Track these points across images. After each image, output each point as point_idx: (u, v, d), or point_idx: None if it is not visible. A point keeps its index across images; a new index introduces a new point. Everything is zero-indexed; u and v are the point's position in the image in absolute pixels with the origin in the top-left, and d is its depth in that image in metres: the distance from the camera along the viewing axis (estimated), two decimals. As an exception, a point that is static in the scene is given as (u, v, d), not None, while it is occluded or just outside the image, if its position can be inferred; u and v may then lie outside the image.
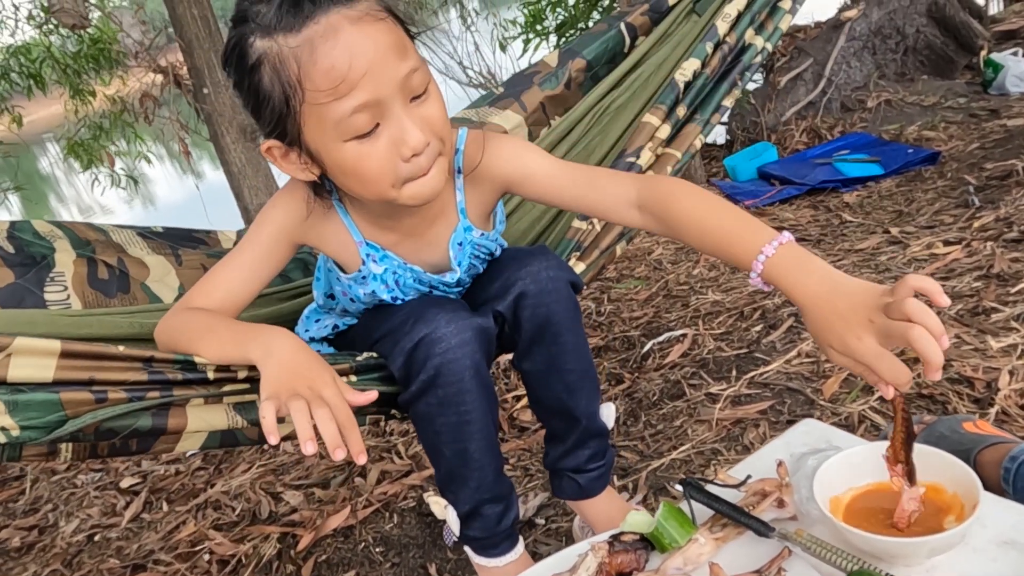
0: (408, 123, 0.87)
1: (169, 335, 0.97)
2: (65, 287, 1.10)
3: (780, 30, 1.45)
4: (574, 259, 1.28)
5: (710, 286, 2.31)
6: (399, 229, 1.06)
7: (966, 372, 1.42)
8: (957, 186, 2.48)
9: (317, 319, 1.20)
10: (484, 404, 1.02)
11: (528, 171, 1.06)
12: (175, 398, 0.87)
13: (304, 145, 0.90)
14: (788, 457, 0.87)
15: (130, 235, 1.27)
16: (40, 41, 4.97)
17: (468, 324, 0.99)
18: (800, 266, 0.83)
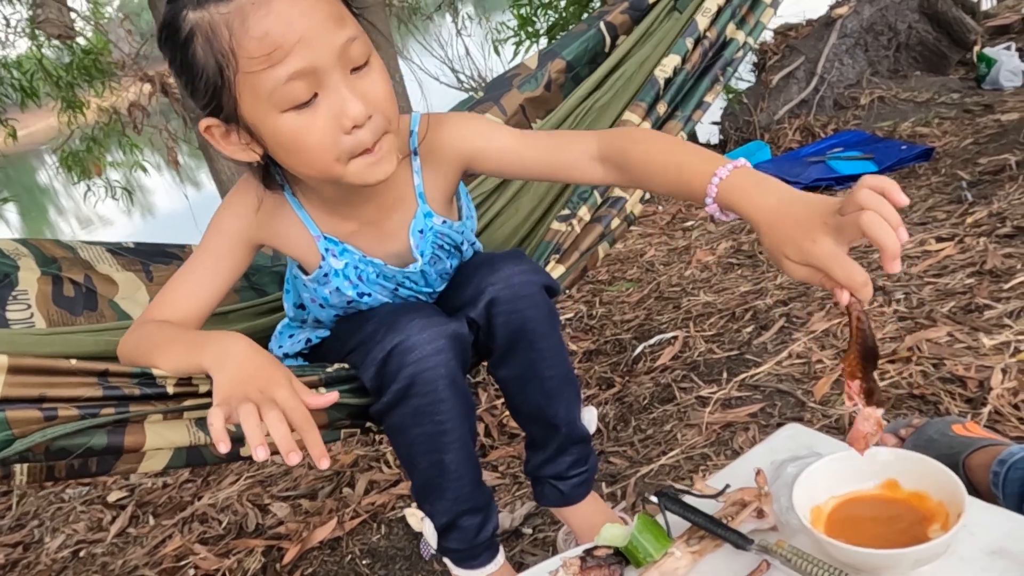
0: (347, 93, 0.84)
1: (129, 350, 0.94)
2: (28, 305, 1.08)
3: (762, 24, 1.42)
4: (553, 262, 1.25)
5: (702, 287, 2.28)
6: (357, 217, 1.02)
7: (958, 371, 1.39)
8: (950, 182, 2.45)
9: (291, 334, 1.17)
10: (460, 413, 0.99)
11: (488, 144, 1.03)
12: (131, 414, 0.84)
13: (242, 120, 0.86)
14: (770, 464, 0.85)
15: (99, 252, 1.24)
16: (32, 53, 4.97)
17: (442, 331, 0.96)
18: (755, 185, 0.80)
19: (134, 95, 3.21)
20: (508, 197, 1.37)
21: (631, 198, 1.30)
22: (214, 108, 0.86)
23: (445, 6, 5.45)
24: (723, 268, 2.39)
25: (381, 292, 1.08)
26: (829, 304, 1.84)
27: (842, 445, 0.91)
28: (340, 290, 1.05)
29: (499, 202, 1.38)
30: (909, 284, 1.80)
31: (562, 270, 1.23)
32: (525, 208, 1.36)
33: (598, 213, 1.29)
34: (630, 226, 1.36)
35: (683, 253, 2.64)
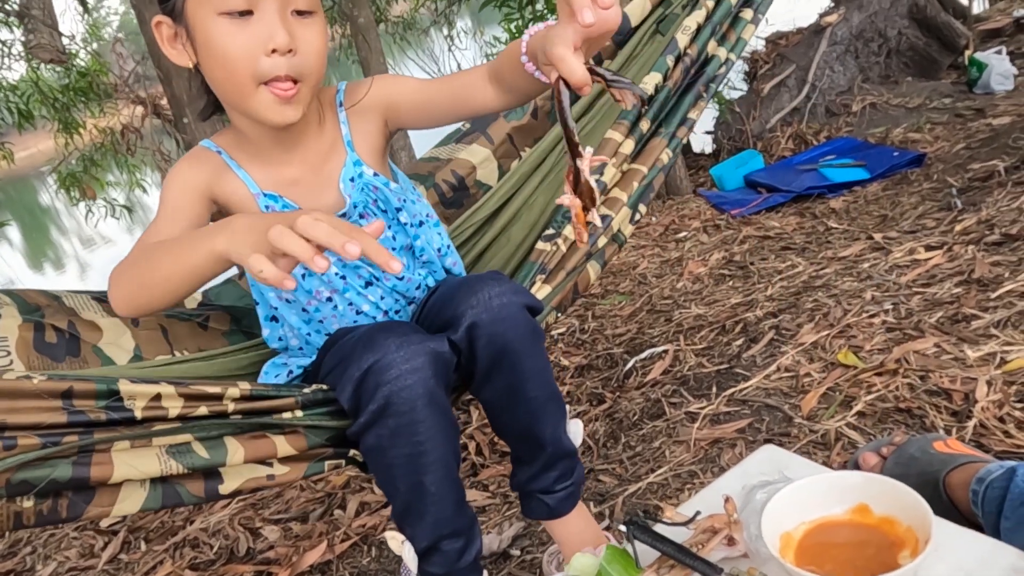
0: (279, 24, 0.93)
1: (124, 285, 0.93)
2: (8, 352, 1.07)
3: (744, 41, 1.42)
4: (539, 282, 1.23)
5: (693, 299, 2.27)
6: (292, 163, 1.09)
7: (944, 384, 1.38)
8: (941, 188, 2.44)
9: (276, 374, 1.17)
10: (440, 433, 0.97)
11: (399, 87, 1.14)
12: (96, 441, 0.82)
13: (185, 18, 0.96)
14: (741, 489, 0.84)
15: (84, 299, 1.24)
16: (29, 76, 4.99)
17: (420, 348, 0.94)
18: (547, 26, 0.85)
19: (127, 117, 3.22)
20: (499, 227, 1.37)
21: (617, 216, 1.29)
22: (168, 5, 0.97)
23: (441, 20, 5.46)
24: (714, 280, 2.38)
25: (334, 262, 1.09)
26: (818, 316, 1.83)
27: (817, 467, 0.90)
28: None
29: (490, 233, 1.38)
30: (898, 294, 1.79)
31: (548, 290, 1.21)
32: (516, 238, 1.36)
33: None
34: (621, 248, 1.35)
35: (675, 264, 2.64)
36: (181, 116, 3.12)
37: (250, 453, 0.92)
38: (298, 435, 0.98)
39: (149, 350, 1.24)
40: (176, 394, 0.85)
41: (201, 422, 0.88)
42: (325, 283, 1.11)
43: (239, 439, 0.92)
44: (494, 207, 1.46)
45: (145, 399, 0.84)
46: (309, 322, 1.13)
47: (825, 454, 1.35)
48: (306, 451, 0.99)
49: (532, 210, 1.43)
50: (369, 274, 1.13)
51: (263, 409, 0.93)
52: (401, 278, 1.15)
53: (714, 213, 3.02)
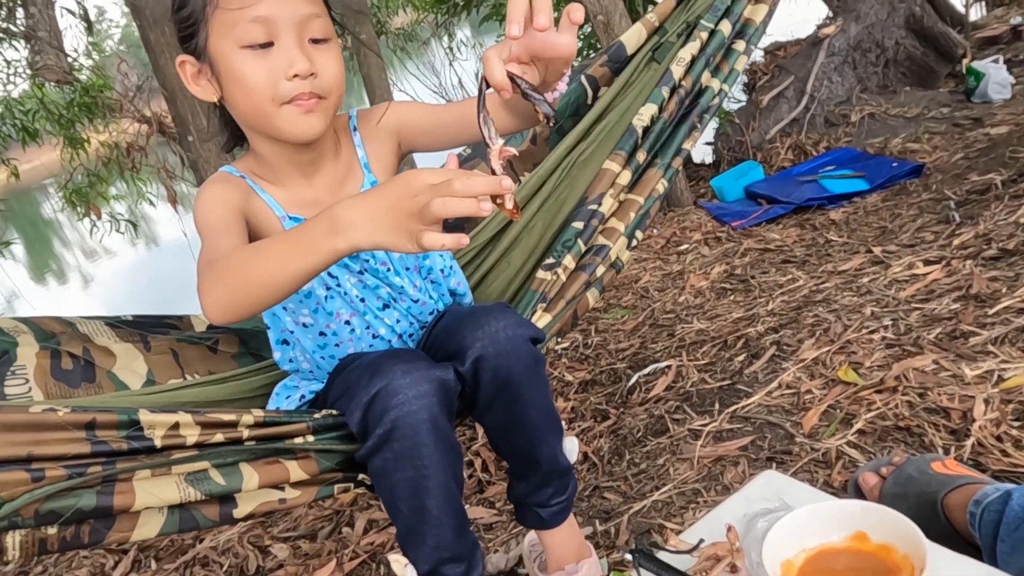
0: (299, 52, 0.99)
1: (222, 292, 0.88)
2: (27, 380, 1.10)
3: (736, 72, 1.45)
4: (540, 311, 1.27)
5: (695, 314, 2.30)
6: (311, 186, 1.13)
7: (942, 402, 1.40)
8: (940, 200, 2.47)
9: (287, 395, 1.20)
10: (443, 459, 1.00)
11: (410, 110, 1.20)
12: (119, 471, 0.86)
13: (208, 55, 1.01)
14: (742, 517, 0.86)
15: (98, 325, 1.27)
16: (34, 92, 5.04)
17: (426, 376, 0.97)
18: None
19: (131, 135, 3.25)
20: (500, 251, 1.40)
21: (615, 246, 1.32)
22: (191, 45, 1.03)
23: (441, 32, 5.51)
24: (716, 293, 2.41)
25: (348, 280, 1.12)
26: (819, 331, 1.85)
27: (816, 493, 0.92)
28: (311, 283, 1.09)
29: (491, 257, 1.41)
30: (897, 309, 1.82)
31: (549, 318, 1.25)
32: (516, 262, 1.38)
33: (582, 261, 1.31)
34: (618, 273, 1.38)
35: (677, 278, 2.66)
36: (185, 134, 3.15)
37: (264, 478, 0.95)
38: (310, 460, 1.01)
39: (161, 374, 1.27)
40: (193, 422, 0.88)
41: (217, 449, 0.91)
42: (347, 304, 1.14)
43: (253, 465, 0.95)
44: (494, 231, 1.49)
45: (164, 428, 0.87)
46: (324, 346, 1.15)
47: (826, 473, 1.37)
48: (317, 475, 1.02)
49: (532, 234, 1.46)
50: (388, 295, 1.16)
51: (276, 435, 0.96)
52: (416, 300, 1.18)
53: (715, 225, 3.04)
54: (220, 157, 3.12)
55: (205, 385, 1.27)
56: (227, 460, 0.94)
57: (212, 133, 1.14)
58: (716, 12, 1.40)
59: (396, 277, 1.16)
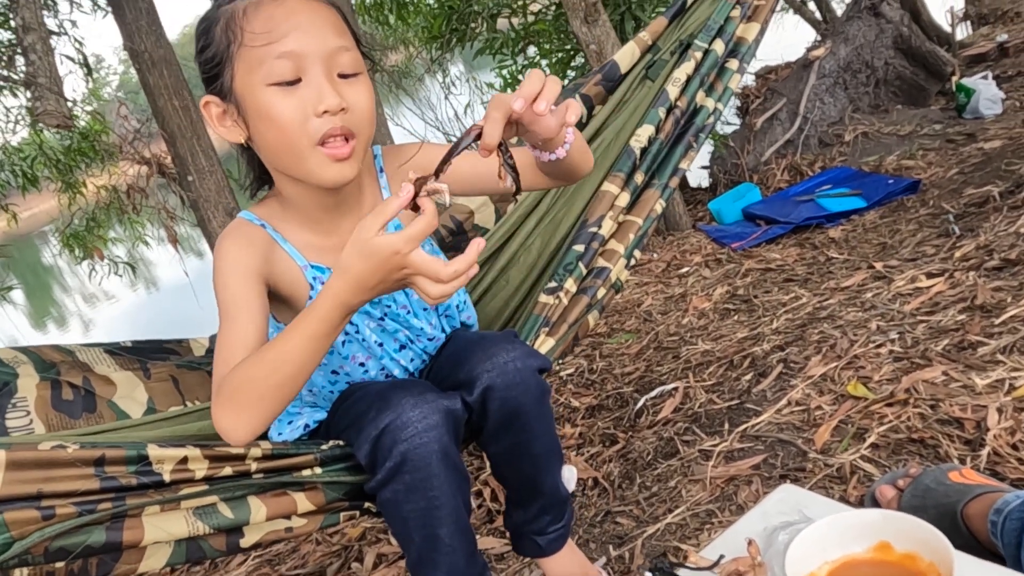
0: (328, 88, 0.95)
1: (247, 409, 0.90)
2: (28, 412, 1.09)
3: (730, 90, 1.46)
4: (543, 335, 1.27)
5: (700, 335, 2.29)
6: (336, 231, 1.09)
7: (955, 412, 1.39)
8: (938, 214, 2.48)
9: (289, 420, 1.19)
10: (453, 487, 1.00)
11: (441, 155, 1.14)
12: (128, 507, 0.85)
13: (233, 95, 0.99)
14: (762, 531, 0.85)
15: (97, 353, 1.26)
16: (33, 139, 5.08)
17: (435, 407, 0.97)
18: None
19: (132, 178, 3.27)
20: (498, 270, 1.40)
21: (615, 268, 1.32)
22: (216, 85, 1.00)
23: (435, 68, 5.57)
24: (720, 314, 2.40)
25: (368, 326, 1.11)
26: (825, 347, 1.85)
27: (835, 505, 0.91)
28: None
29: (489, 275, 1.41)
30: (903, 323, 1.81)
31: (552, 343, 1.25)
32: (515, 280, 1.39)
33: (584, 284, 1.31)
34: (617, 293, 1.38)
35: (679, 300, 2.66)
36: (185, 174, 3.17)
37: (272, 510, 0.94)
38: (317, 491, 1.00)
39: (162, 402, 1.26)
40: (202, 456, 0.87)
41: (226, 483, 0.90)
42: (364, 348, 1.12)
43: (261, 498, 0.94)
44: (492, 249, 1.49)
45: (173, 462, 0.86)
46: (335, 383, 1.15)
47: (842, 488, 1.35)
48: (324, 505, 1.02)
49: (530, 252, 1.46)
50: (405, 337, 1.15)
51: (284, 467, 0.96)
52: (432, 339, 1.17)
53: (715, 247, 3.05)
54: (220, 196, 3.14)
55: (206, 412, 1.26)
56: (235, 494, 0.93)
57: (243, 174, 1.12)
58: (709, 32, 1.42)
59: (415, 319, 1.15)
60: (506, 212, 1.53)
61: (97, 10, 4.19)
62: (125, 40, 3.10)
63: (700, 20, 1.43)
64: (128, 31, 3.05)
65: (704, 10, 1.45)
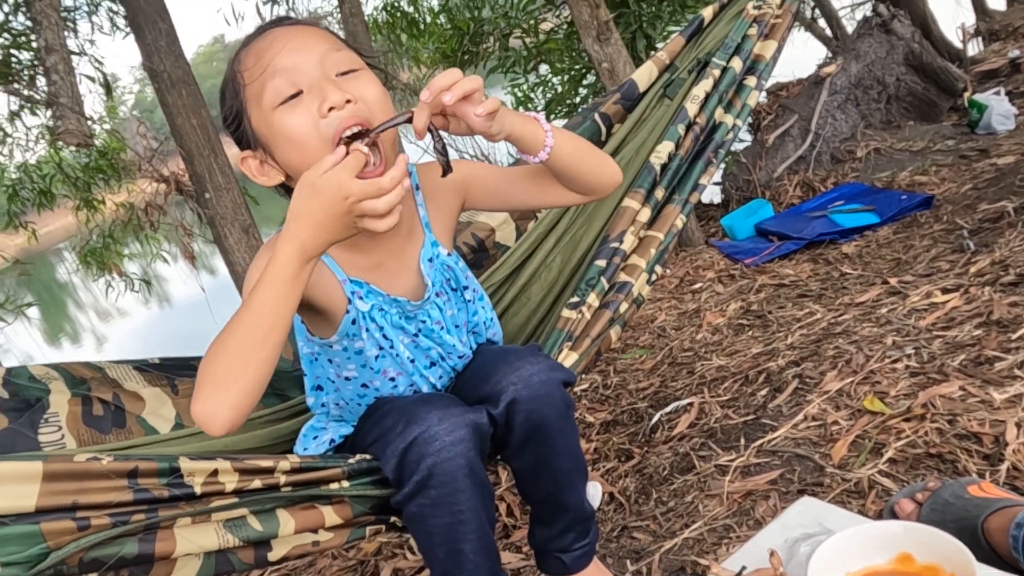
0: (327, 85, 0.98)
1: (218, 367, 0.87)
2: (59, 427, 1.11)
3: (748, 107, 1.48)
4: (566, 350, 1.28)
5: (714, 351, 2.29)
6: (376, 251, 1.10)
7: (972, 427, 1.39)
8: (952, 230, 2.48)
9: (315, 436, 1.21)
10: (478, 503, 1.01)
11: (477, 171, 1.20)
12: (161, 519, 0.86)
13: (255, 135, 1.02)
14: (783, 543, 0.85)
15: (126, 370, 1.28)
16: (51, 156, 5.16)
17: (461, 421, 0.98)
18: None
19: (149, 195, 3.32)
20: (519, 286, 1.42)
21: (637, 282, 1.34)
22: (243, 139, 1.04)
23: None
24: (734, 330, 2.41)
25: (402, 341, 1.12)
26: (841, 363, 1.85)
27: (855, 518, 0.92)
28: (363, 352, 1.09)
29: (510, 292, 1.43)
30: (919, 338, 1.81)
31: (575, 357, 1.26)
32: (536, 297, 1.40)
33: (606, 299, 1.33)
34: (639, 308, 1.39)
35: (693, 316, 2.66)
36: (203, 192, 3.22)
37: (300, 524, 0.95)
38: (344, 505, 1.01)
39: (189, 418, 1.28)
40: (232, 469, 0.89)
41: (255, 496, 0.91)
42: (396, 364, 1.13)
43: (290, 511, 0.95)
44: (512, 267, 1.51)
45: (204, 475, 0.88)
46: (363, 396, 1.16)
47: (860, 503, 1.35)
48: (351, 519, 1.03)
49: (551, 270, 1.48)
50: (437, 355, 1.16)
51: (312, 480, 0.97)
52: (462, 356, 1.19)
53: (728, 263, 3.06)
54: (237, 213, 3.18)
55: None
56: (264, 507, 0.95)
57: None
58: (727, 50, 1.44)
59: (448, 336, 1.16)
60: (527, 230, 1.55)
61: (116, 30, 4.27)
62: (144, 60, 3.16)
63: (717, 39, 1.45)
64: (148, 51, 3.10)
65: (721, 29, 1.48)
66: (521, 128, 1.00)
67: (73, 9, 3.94)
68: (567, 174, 1.09)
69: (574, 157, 1.07)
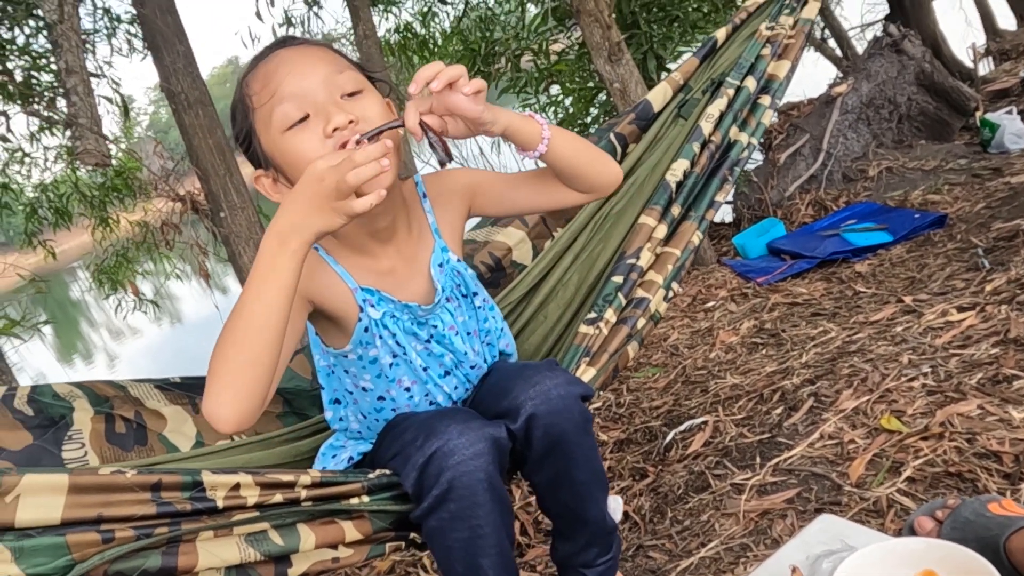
0: (331, 108, 1.01)
1: (217, 364, 0.90)
2: (82, 444, 1.13)
3: (763, 125, 1.49)
4: (584, 365, 1.28)
5: (728, 369, 2.29)
6: (386, 256, 1.13)
7: (992, 446, 1.38)
8: (967, 249, 2.47)
9: (333, 455, 1.21)
10: (498, 518, 1.01)
11: (484, 177, 1.23)
12: (183, 532, 0.87)
13: (265, 156, 1.05)
14: (805, 559, 0.85)
15: (148, 388, 1.30)
16: (68, 176, 5.22)
17: (480, 435, 0.98)
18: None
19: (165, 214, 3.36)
20: (536, 305, 1.42)
21: (654, 298, 1.34)
22: (255, 158, 1.07)
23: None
24: (747, 348, 2.40)
25: (415, 348, 1.13)
26: (856, 381, 1.84)
27: (876, 534, 0.91)
28: (378, 360, 1.11)
29: (528, 311, 1.43)
30: (935, 356, 1.81)
31: (593, 372, 1.26)
32: (553, 315, 1.41)
33: (623, 314, 1.33)
34: (656, 324, 1.40)
35: (706, 335, 2.66)
36: (218, 211, 3.25)
37: (320, 539, 0.96)
38: (364, 520, 1.02)
39: (210, 436, 1.29)
40: (253, 483, 0.90)
41: (277, 510, 0.92)
42: (411, 371, 1.15)
43: (311, 525, 0.96)
44: (529, 285, 1.52)
45: (226, 488, 0.88)
46: (380, 410, 1.17)
47: (879, 521, 1.34)
48: (371, 535, 1.03)
49: (568, 288, 1.48)
50: (451, 362, 1.17)
51: (333, 495, 0.97)
52: (474, 366, 1.19)
53: (740, 282, 3.05)
54: (252, 231, 3.21)
55: (252, 446, 1.29)
56: (285, 521, 0.95)
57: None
58: (740, 70, 1.46)
59: (460, 342, 1.17)
60: (544, 248, 1.56)
61: (134, 52, 4.34)
62: (162, 81, 3.21)
63: (731, 60, 1.47)
64: (165, 72, 3.15)
65: (734, 50, 1.49)
66: (518, 122, 1.03)
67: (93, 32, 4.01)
68: (568, 171, 1.12)
69: (573, 153, 1.11)
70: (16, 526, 0.80)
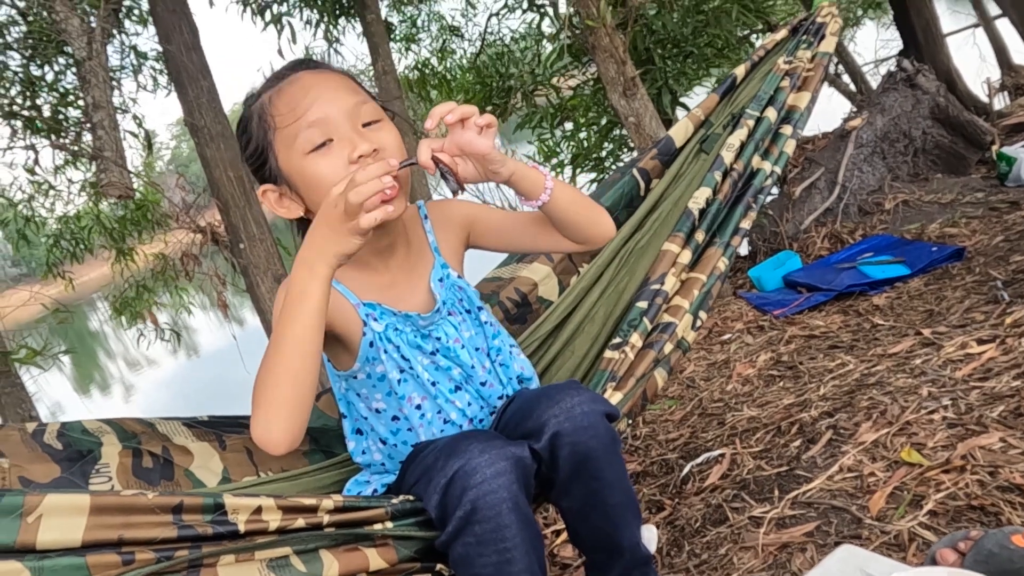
0: (357, 137, 1.07)
1: (261, 390, 0.95)
2: (110, 478, 1.14)
3: (786, 154, 1.51)
4: (610, 389, 1.28)
5: (744, 401, 2.28)
6: (387, 270, 1.18)
7: (1015, 479, 1.36)
8: (986, 281, 2.46)
9: (359, 491, 1.21)
10: (526, 541, 0.98)
11: (483, 211, 1.30)
12: (204, 555, 0.87)
13: (281, 174, 1.10)
14: (827, 590, 0.84)
15: (176, 426, 1.31)
16: (90, 209, 5.31)
17: (502, 453, 0.97)
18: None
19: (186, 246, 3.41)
20: (563, 341, 1.43)
21: (680, 323, 1.34)
22: (264, 173, 1.12)
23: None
24: (764, 381, 2.39)
25: (420, 362, 1.14)
26: (876, 414, 1.83)
27: (898, 565, 0.90)
28: (386, 375, 1.12)
29: (555, 346, 1.44)
30: (955, 389, 1.79)
31: (619, 397, 1.26)
32: (580, 350, 1.41)
33: (649, 339, 1.34)
34: (685, 354, 1.40)
35: (723, 367, 2.65)
36: (237, 242, 3.29)
37: (343, 566, 0.95)
38: (388, 548, 1.01)
39: (236, 472, 1.30)
40: (275, 506, 0.90)
41: (299, 535, 0.92)
42: (419, 387, 1.16)
43: (334, 552, 0.95)
44: (556, 321, 1.52)
45: (248, 512, 0.89)
46: (397, 432, 1.17)
47: (900, 555, 1.32)
48: (396, 564, 1.01)
49: (594, 322, 1.49)
50: (459, 376, 1.18)
51: (356, 520, 0.97)
52: (484, 383, 1.20)
53: (756, 314, 3.05)
54: (270, 263, 3.25)
55: (279, 483, 1.30)
56: (308, 546, 0.95)
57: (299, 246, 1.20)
58: (760, 101, 1.48)
59: (467, 356, 1.18)
60: (569, 284, 1.57)
61: (158, 88, 4.44)
62: (186, 115, 3.28)
63: (750, 94, 1.49)
64: (189, 107, 3.22)
65: (754, 85, 1.52)
66: (524, 171, 1.08)
67: (119, 68, 4.11)
68: (563, 221, 1.16)
69: (571, 206, 1.14)
70: (37, 548, 0.80)
